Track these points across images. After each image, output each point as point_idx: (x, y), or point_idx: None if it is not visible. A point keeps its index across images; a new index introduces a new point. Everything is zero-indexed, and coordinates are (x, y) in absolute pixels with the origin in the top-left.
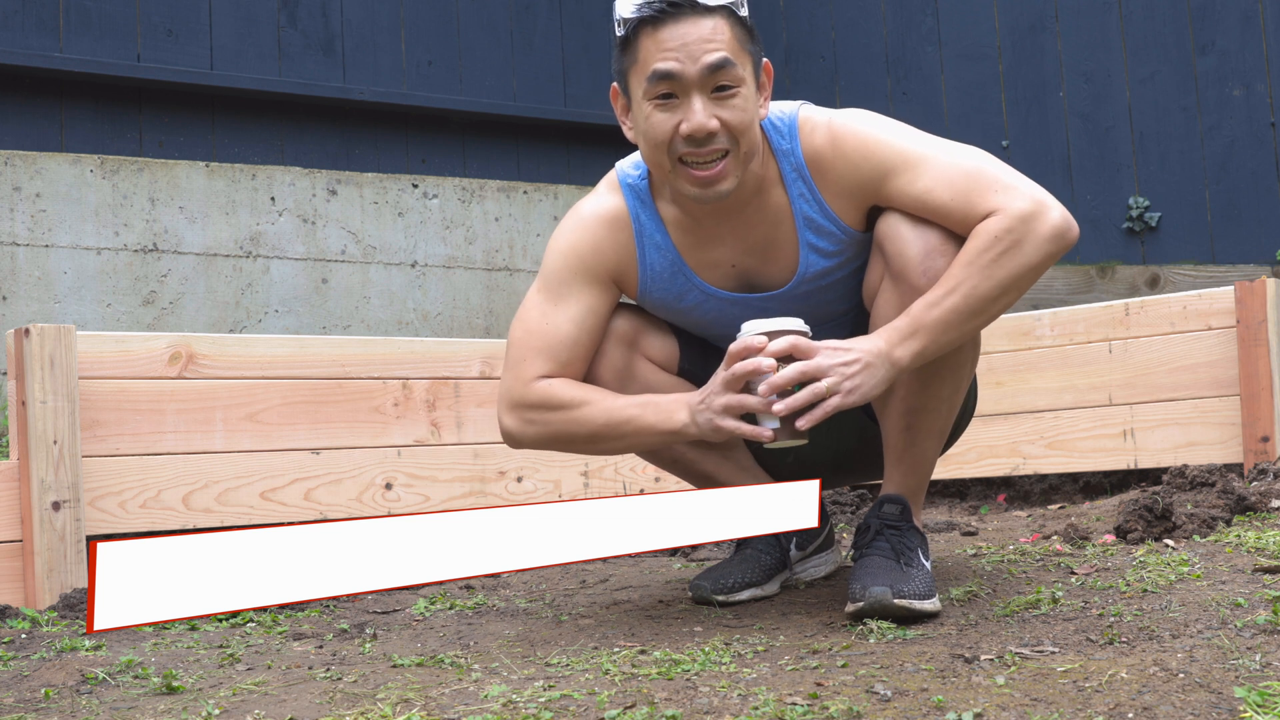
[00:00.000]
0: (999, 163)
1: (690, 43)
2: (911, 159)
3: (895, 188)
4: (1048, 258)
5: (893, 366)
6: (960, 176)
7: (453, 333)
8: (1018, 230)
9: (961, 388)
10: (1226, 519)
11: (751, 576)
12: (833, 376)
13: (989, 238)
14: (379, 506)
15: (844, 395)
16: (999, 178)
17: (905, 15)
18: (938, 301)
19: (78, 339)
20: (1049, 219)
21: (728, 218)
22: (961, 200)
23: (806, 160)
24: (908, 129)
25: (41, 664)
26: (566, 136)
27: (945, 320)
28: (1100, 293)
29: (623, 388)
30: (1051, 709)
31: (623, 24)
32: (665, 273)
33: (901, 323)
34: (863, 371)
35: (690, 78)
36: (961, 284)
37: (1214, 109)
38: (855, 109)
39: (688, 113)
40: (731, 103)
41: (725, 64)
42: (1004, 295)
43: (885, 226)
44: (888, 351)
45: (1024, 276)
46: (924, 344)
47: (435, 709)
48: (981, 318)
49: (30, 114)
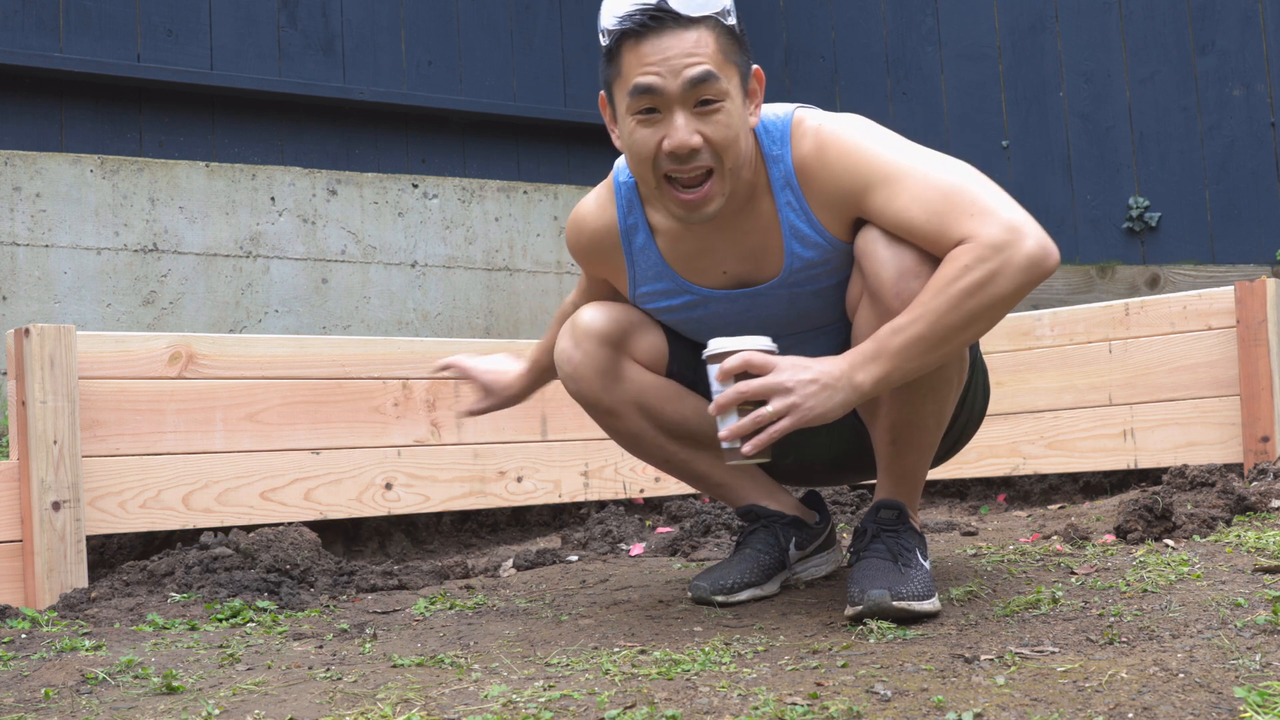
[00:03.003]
0: (982, 183)
1: (671, 56)
2: (892, 174)
3: (875, 204)
4: (1020, 288)
5: (854, 390)
6: (937, 197)
7: (453, 333)
8: (990, 260)
9: (948, 404)
10: (1226, 519)
11: (751, 576)
12: (787, 397)
13: (959, 267)
14: (379, 506)
15: (797, 416)
16: (976, 201)
17: (905, 15)
18: (902, 328)
19: (78, 339)
20: (1023, 248)
21: (719, 226)
22: (936, 223)
23: (795, 167)
24: (896, 141)
25: (41, 664)
26: (566, 136)
27: (908, 348)
28: (1100, 293)
29: (609, 388)
30: (1051, 709)
31: (606, 35)
32: (653, 277)
33: (867, 346)
34: (820, 392)
35: (672, 93)
36: (927, 313)
37: (1214, 109)
38: (851, 115)
39: (670, 129)
40: (715, 118)
41: (708, 78)
42: (971, 325)
43: (863, 243)
44: (849, 374)
45: (994, 307)
46: (886, 370)
47: (435, 709)
48: (948, 346)
49: (30, 114)
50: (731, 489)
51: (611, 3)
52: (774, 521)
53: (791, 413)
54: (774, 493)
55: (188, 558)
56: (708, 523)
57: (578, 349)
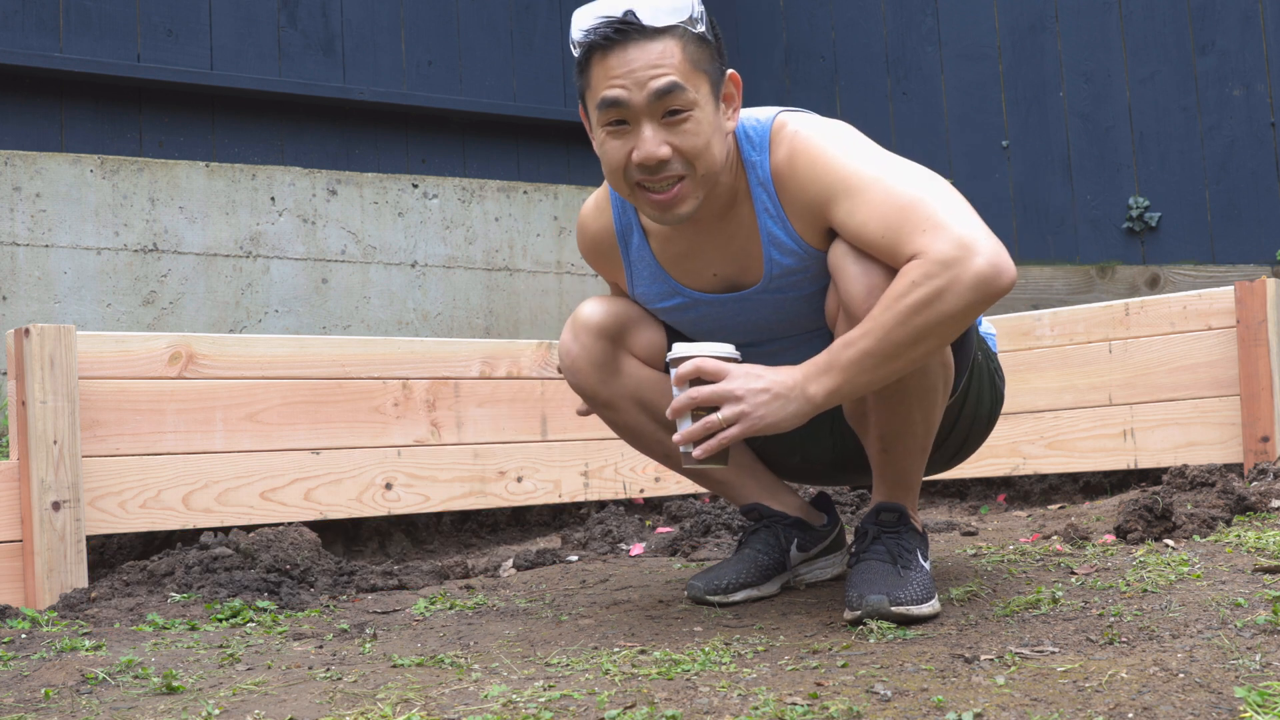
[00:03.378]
0: (943, 196)
1: (636, 69)
2: (854, 186)
3: (838, 216)
4: (969, 306)
5: (807, 401)
6: (893, 211)
7: (453, 333)
8: (936, 277)
9: (935, 411)
10: (1226, 519)
11: (748, 577)
12: (738, 405)
13: (906, 283)
14: (379, 506)
15: (746, 424)
16: (931, 216)
17: (905, 15)
18: (853, 342)
19: (78, 339)
20: (971, 266)
21: (703, 230)
22: (891, 238)
23: (772, 173)
24: (867, 151)
25: (41, 664)
26: (566, 136)
27: (858, 362)
28: (1100, 293)
29: (607, 382)
30: (1051, 709)
31: (576, 47)
32: (649, 278)
33: (821, 359)
34: (772, 402)
35: (638, 105)
36: (876, 328)
37: (1214, 109)
38: (832, 122)
39: (638, 140)
40: (683, 128)
41: (673, 89)
42: (920, 342)
43: (834, 258)
44: (803, 385)
45: (942, 324)
46: (838, 382)
47: (435, 709)
48: (897, 362)
49: (30, 114)
50: (734, 487)
51: (580, 15)
52: (776, 522)
53: (741, 420)
54: (778, 492)
55: (188, 558)
56: (708, 523)
57: (576, 341)
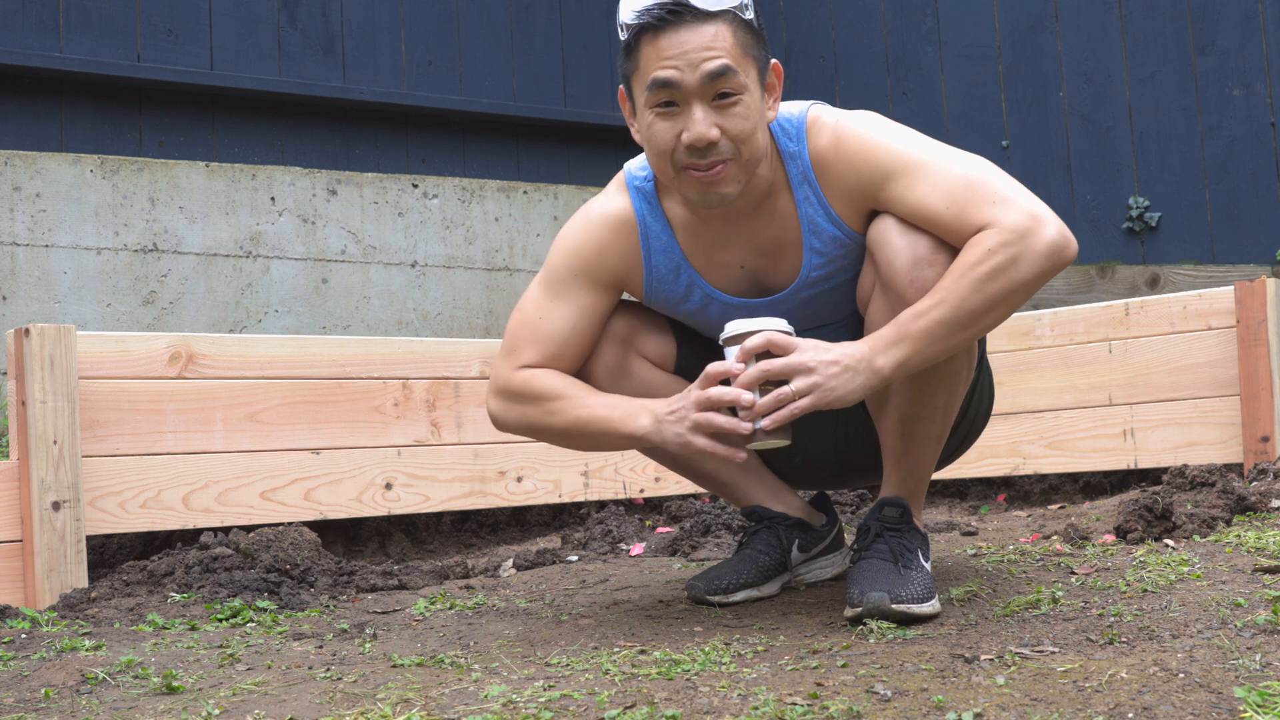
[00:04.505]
0: (1001, 174)
1: (690, 50)
2: (912, 164)
3: (893, 193)
4: (1041, 274)
5: (875, 374)
6: (958, 185)
7: (453, 333)
8: (1012, 245)
9: (957, 396)
10: (1226, 519)
11: (748, 577)
12: (809, 377)
13: (982, 251)
14: (379, 506)
15: (818, 395)
16: (997, 189)
17: (905, 15)
18: (925, 312)
19: (78, 339)
20: (1044, 235)
21: (736, 221)
22: (957, 210)
23: (813, 162)
24: (914, 135)
25: (41, 664)
26: (566, 136)
27: (931, 331)
28: (1100, 293)
29: (616, 385)
30: (1051, 709)
31: (625, 29)
32: (670, 275)
33: (888, 331)
34: (842, 374)
35: (690, 86)
36: (950, 296)
37: (1214, 109)
38: (865, 111)
39: (689, 122)
40: (733, 110)
41: (725, 71)
42: (993, 310)
43: (876, 233)
44: (870, 358)
45: (1015, 292)
46: (908, 353)
47: (435, 709)
48: (969, 331)
49: (30, 114)
50: (737, 489)
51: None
52: (777, 523)
53: (813, 392)
54: (779, 494)
55: (188, 558)
56: (708, 523)
57: None
